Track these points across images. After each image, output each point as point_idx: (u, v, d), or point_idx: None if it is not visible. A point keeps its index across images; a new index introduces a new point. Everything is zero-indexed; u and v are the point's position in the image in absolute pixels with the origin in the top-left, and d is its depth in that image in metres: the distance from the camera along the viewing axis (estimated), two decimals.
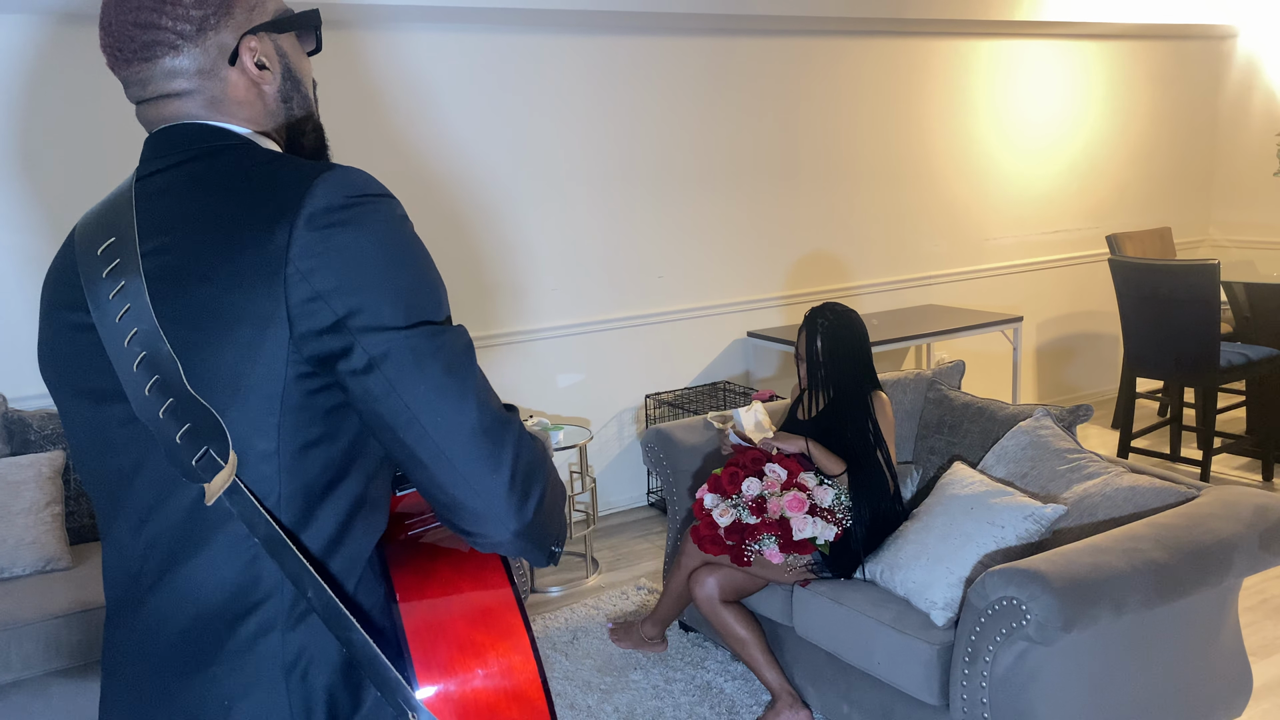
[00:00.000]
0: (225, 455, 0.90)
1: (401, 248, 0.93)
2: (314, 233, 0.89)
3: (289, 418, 0.91)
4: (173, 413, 0.90)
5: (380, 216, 0.92)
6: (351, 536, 0.97)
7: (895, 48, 4.88)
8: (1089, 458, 2.72)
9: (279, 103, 1.05)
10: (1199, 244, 6.33)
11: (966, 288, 5.38)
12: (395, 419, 0.90)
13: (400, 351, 0.90)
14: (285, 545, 0.91)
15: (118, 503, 0.98)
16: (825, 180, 4.81)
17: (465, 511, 0.92)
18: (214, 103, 1.00)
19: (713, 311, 4.61)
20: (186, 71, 0.99)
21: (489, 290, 4.09)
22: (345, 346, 0.89)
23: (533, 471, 0.94)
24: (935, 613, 2.46)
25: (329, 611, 0.91)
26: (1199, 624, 2.38)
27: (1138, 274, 4.41)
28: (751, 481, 2.77)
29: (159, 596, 0.95)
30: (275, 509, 0.92)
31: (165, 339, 0.90)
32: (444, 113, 3.89)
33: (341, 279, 0.89)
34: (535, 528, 0.95)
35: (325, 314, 0.89)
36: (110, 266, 0.94)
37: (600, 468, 4.45)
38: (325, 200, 0.90)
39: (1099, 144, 5.70)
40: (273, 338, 0.89)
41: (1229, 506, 2.38)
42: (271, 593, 0.93)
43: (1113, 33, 5.51)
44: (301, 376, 0.90)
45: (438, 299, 0.95)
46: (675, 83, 4.33)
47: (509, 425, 0.94)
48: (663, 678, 3.03)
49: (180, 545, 0.94)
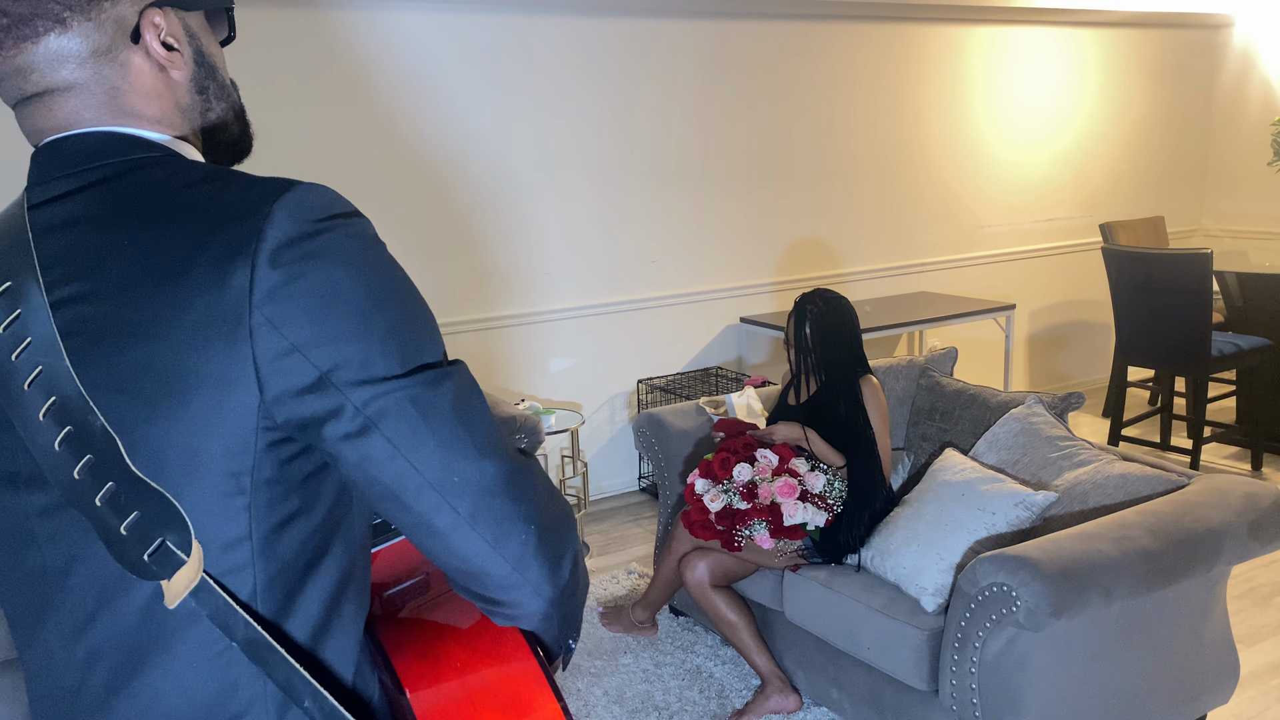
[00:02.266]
0: (186, 547, 0.74)
1: (383, 278, 0.77)
2: (280, 270, 0.73)
3: (261, 494, 0.76)
4: (114, 500, 0.74)
5: (354, 241, 0.77)
6: (341, 620, 0.83)
7: (890, 33, 4.86)
8: (1080, 445, 2.73)
9: (193, 94, 0.86)
10: (1192, 233, 6.34)
11: (959, 275, 5.37)
12: (401, 486, 0.76)
13: (400, 406, 0.75)
14: (271, 648, 0.76)
15: (45, 609, 0.80)
16: (819, 166, 4.80)
17: (491, 580, 0.79)
18: (114, 97, 0.81)
19: (706, 297, 4.60)
20: (77, 54, 0.79)
21: (482, 274, 4.07)
22: (334, 407, 0.74)
23: (563, 525, 0.82)
24: (925, 598, 2.46)
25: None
26: (1188, 611, 2.39)
27: (1130, 263, 4.41)
28: (743, 467, 2.77)
29: (110, 718, 0.79)
30: (251, 602, 0.77)
31: (96, 410, 0.73)
32: (438, 96, 3.86)
33: (320, 325, 0.73)
34: (568, 595, 0.82)
35: (305, 370, 0.73)
36: (9, 319, 0.75)
37: (592, 452, 4.45)
38: (289, 229, 0.74)
39: (1093, 132, 5.70)
40: (238, 403, 0.73)
41: (1219, 495, 2.38)
42: (251, 703, 0.78)
43: (1108, 20, 5.50)
44: (273, 445, 0.76)
45: (432, 335, 0.80)
46: (670, 66, 4.31)
47: (531, 474, 0.80)
48: (652, 661, 3.03)
49: (134, 656, 0.77)
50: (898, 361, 3.36)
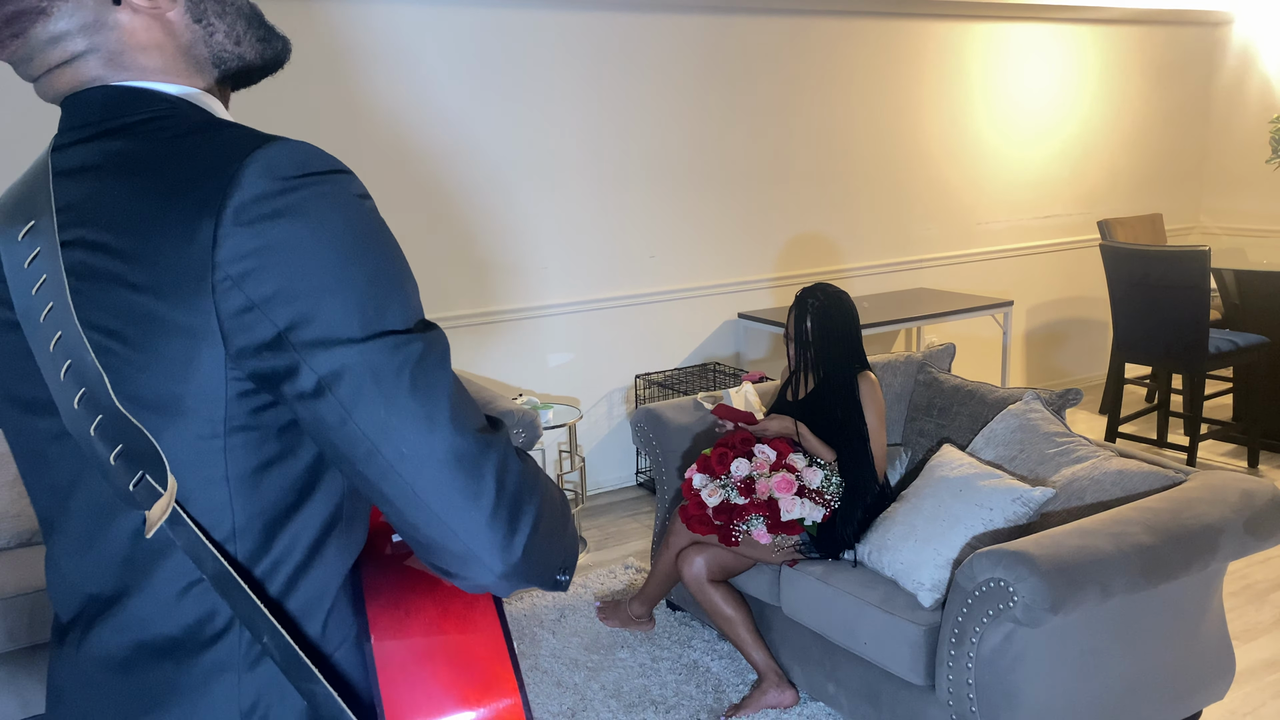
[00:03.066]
0: (163, 481, 0.77)
1: (356, 237, 0.76)
2: (244, 229, 0.73)
3: (236, 439, 0.78)
4: (103, 431, 0.77)
5: (327, 200, 0.76)
6: (322, 561, 0.85)
7: (890, 29, 4.86)
8: (1078, 441, 2.73)
9: (191, 27, 0.87)
10: (1190, 231, 6.34)
11: (957, 271, 5.38)
12: (353, 450, 0.76)
13: (356, 370, 0.74)
14: (235, 584, 0.79)
15: (57, 522, 0.87)
16: (817, 162, 4.80)
17: (443, 553, 0.79)
18: (115, 57, 0.84)
19: (704, 292, 4.59)
20: (69, 33, 0.82)
21: (481, 268, 4.07)
22: (290, 365, 0.74)
23: (520, 500, 0.80)
24: (922, 594, 2.47)
25: (287, 659, 0.80)
26: (1184, 608, 2.40)
27: (1128, 260, 4.41)
28: (740, 462, 2.77)
29: (105, 626, 0.84)
30: (230, 539, 0.80)
31: (89, 347, 0.77)
32: (435, 90, 3.85)
33: (281, 283, 0.73)
34: (527, 564, 0.81)
35: (264, 326, 0.74)
36: (32, 255, 0.80)
37: (589, 447, 4.45)
38: (257, 186, 0.74)
39: (1091, 129, 5.70)
40: (206, 354, 0.75)
41: (1215, 491, 2.39)
42: (226, 629, 0.82)
43: (1107, 17, 5.49)
44: (244, 394, 0.77)
45: (403, 299, 0.78)
46: (669, 61, 4.31)
47: (489, 448, 0.79)
48: (649, 656, 3.04)
49: (125, 575, 0.82)
50: (896, 357, 3.36)
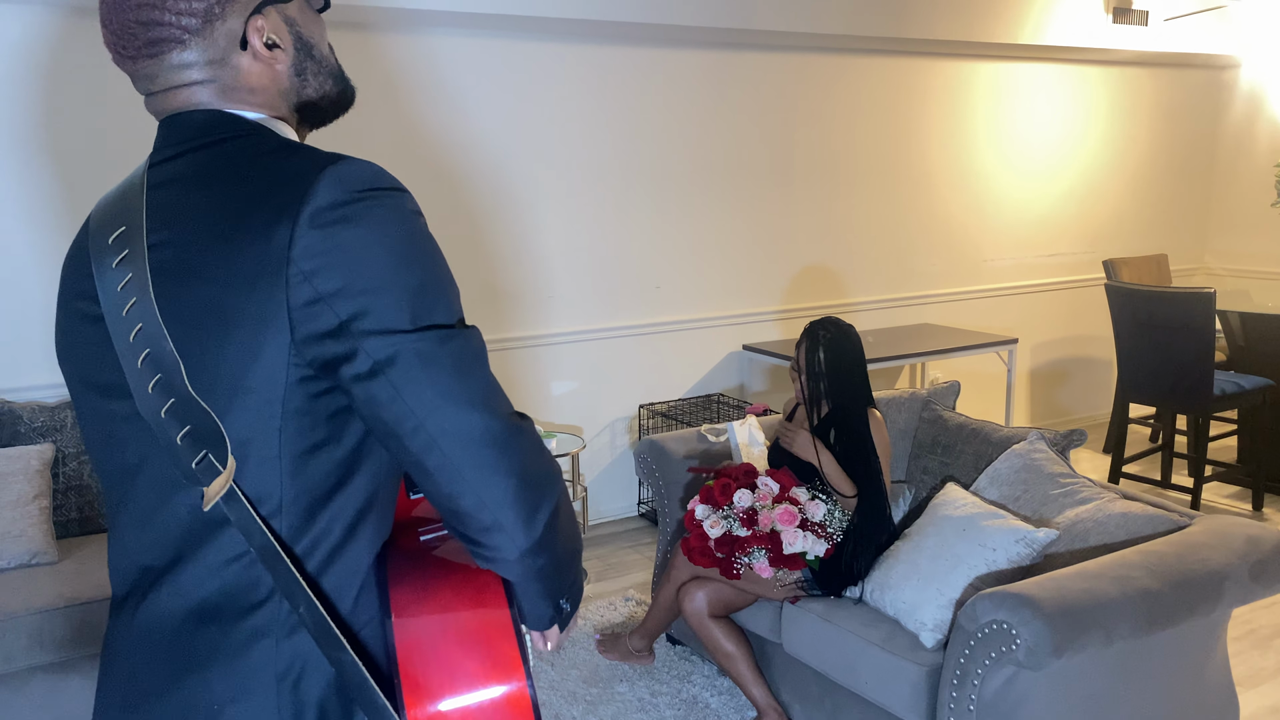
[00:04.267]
0: (224, 460, 0.87)
1: (410, 245, 0.89)
2: (317, 231, 0.85)
3: (291, 422, 0.88)
4: (174, 413, 0.88)
5: (388, 212, 0.88)
6: (356, 542, 0.95)
7: (896, 67, 4.90)
8: (1082, 483, 2.72)
9: (292, 78, 1.00)
10: (1194, 271, 6.35)
11: (962, 308, 5.38)
12: (400, 425, 0.87)
13: (406, 356, 0.86)
14: (279, 557, 0.88)
15: (123, 498, 0.96)
16: (823, 197, 4.82)
17: (471, 521, 0.89)
18: (226, 90, 0.97)
19: (708, 324, 4.60)
20: (196, 63, 0.95)
21: (488, 296, 4.08)
22: (349, 351, 0.86)
23: (544, 484, 0.91)
24: (924, 634, 2.45)
25: (319, 629, 0.89)
26: (1188, 653, 2.38)
27: (1133, 300, 4.42)
28: (743, 493, 2.76)
29: (159, 594, 0.93)
30: (276, 515, 0.90)
31: (168, 337, 0.88)
32: (446, 119, 3.89)
33: (345, 280, 0.85)
34: (544, 547, 0.91)
35: (328, 317, 0.85)
36: (120, 257, 0.91)
37: (592, 476, 4.44)
38: (330, 195, 0.86)
39: (1098, 169, 5.72)
40: (273, 341, 0.86)
41: (1221, 536, 2.38)
42: (268, 598, 0.91)
43: (1115, 59, 5.54)
44: (304, 380, 0.88)
45: (448, 300, 0.91)
46: (678, 94, 4.34)
47: (519, 433, 0.90)
48: (649, 690, 3.02)
49: (181, 546, 0.92)
50: (900, 393, 3.36)
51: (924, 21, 4.54)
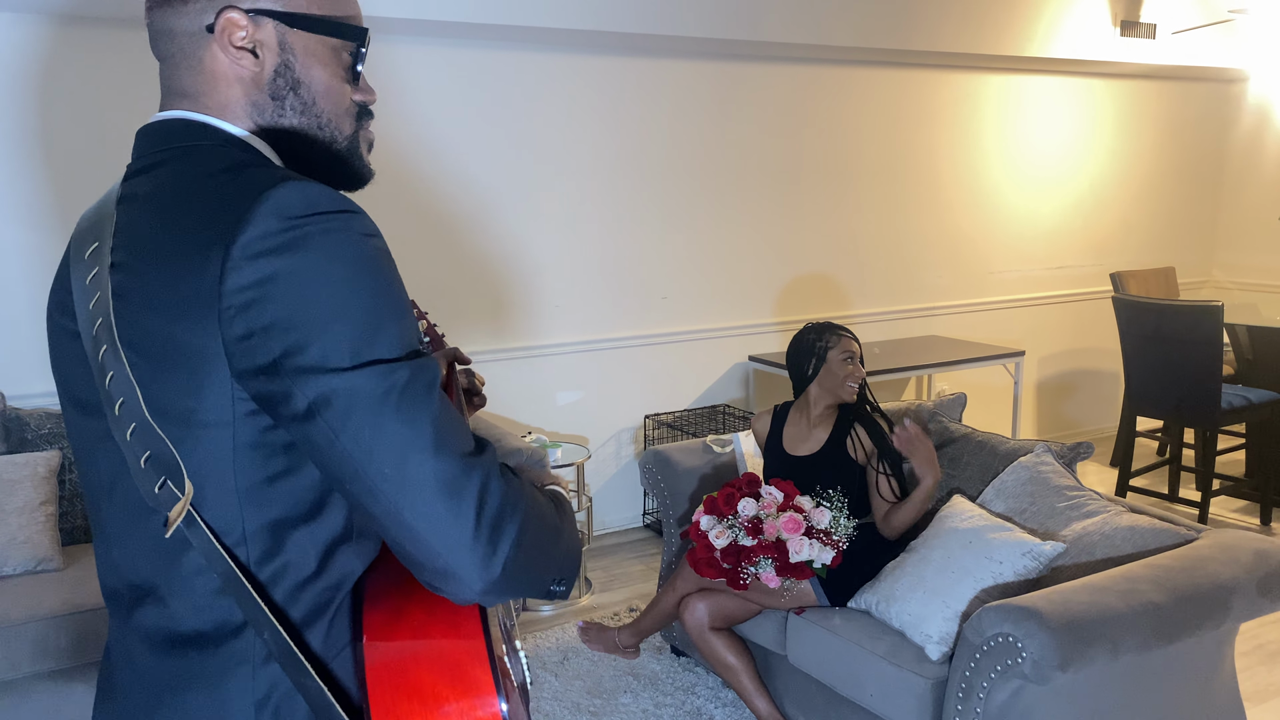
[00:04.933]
0: (181, 487, 0.85)
1: (354, 272, 0.82)
2: (249, 262, 0.80)
3: (244, 454, 0.85)
4: (136, 437, 0.85)
5: (330, 237, 0.82)
6: (332, 569, 0.91)
7: (904, 79, 4.90)
8: (1089, 495, 2.71)
9: (265, 97, 0.94)
10: (1202, 285, 6.34)
11: (969, 320, 5.38)
12: (340, 470, 0.82)
13: (342, 396, 0.80)
14: (240, 584, 0.85)
15: (101, 513, 0.95)
16: (830, 208, 4.82)
17: (426, 569, 0.84)
18: (191, 75, 0.92)
19: (714, 334, 4.60)
20: (171, 31, 0.92)
21: (494, 306, 4.09)
22: (283, 390, 0.80)
23: (502, 520, 0.84)
24: (930, 646, 2.44)
25: (285, 657, 0.86)
26: (1195, 668, 2.37)
27: (1141, 313, 4.41)
28: (747, 502, 2.75)
29: (141, 613, 0.92)
30: (239, 544, 0.86)
31: (125, 361, 0.85)
32: (451, 130, 3.90)
33: (278, 313, 0.79)
34: (508, 581, 0.85)
35: (262, 353, 0.80)
36: (92, 273, 0.88)
37: (597, 487, 4.44)
38: (265, 224, 0.80)
39: (1105, 181, 5.72)
40: (215, 375, 0.82)
41: (1228, 550, 2.36)
42: (245, 625, 0.88)
43: (1122, 72, 5.54)
44: (251, 414, 0.84)
45: (395, 331, 0.83)
46: (686, 106, 4.35)
47: (471, 471, 0.83)
48: (652, 702, 3.01)
49: (153, 570, 0.90)
50: (906, 405, 3.35)
51: (932, 33, 4.55)
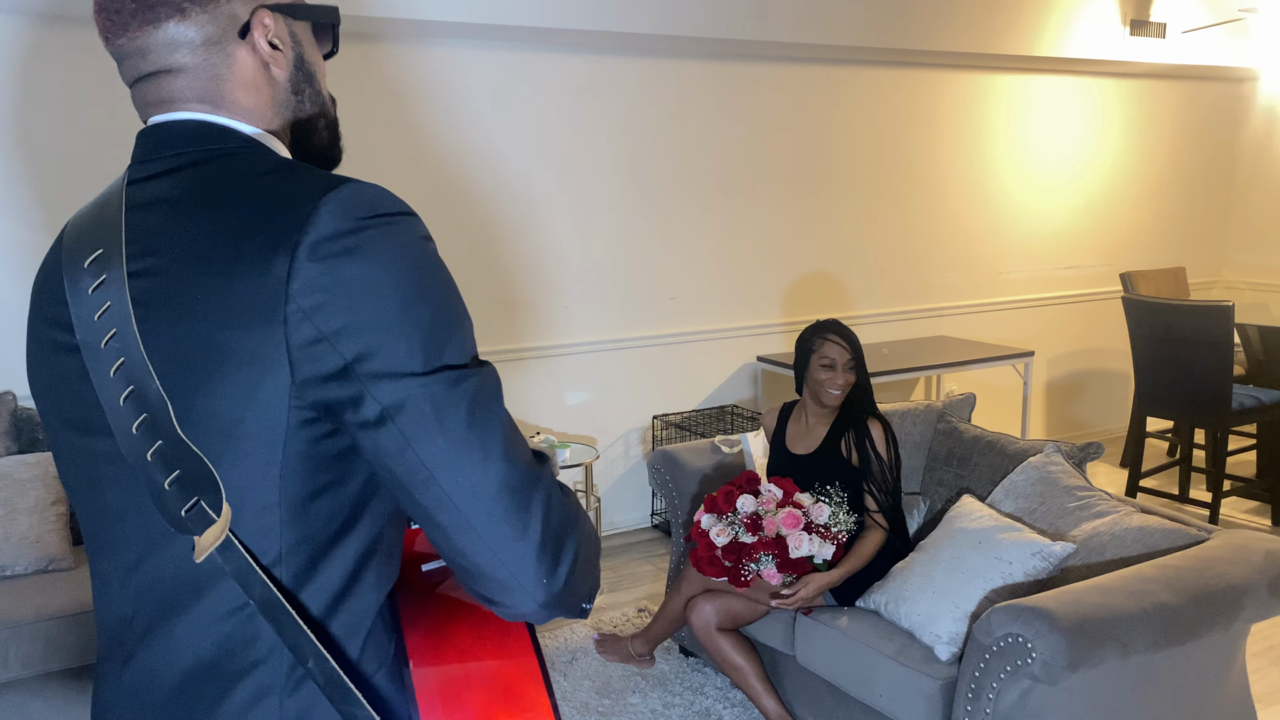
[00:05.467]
0: (218, 508, 0.80)
1: (421, 277, 0.80)
2: (318, 263, 0.77)
3: (291, 467, 0.81)
4: (161, 457, 0.80)
5: (396, 240, 0.80)
6: (361, 587, 0.87)
7: (913, 79, 4.89)
8: (1099, 496, 2.70)
9: (289, 93, 0.92)
10: (1212, 285, 6.31)
11: (978, 320, 5.36)
12: (410, 478, 0.79)
13: (417, 401, 0.78)
14: (283, 609, 0.81)
15: (105, 542, 0.89)
16: (839, 208, 4.82)
17: (488, 580, 0.81)
18: (216, 83, 0.88)
19: (723, 335, 4.60)
20: (191, 42, 0.86)
21: (503, 306, 4.09)
22: (354, 395, 0.78)
23: (565, 533, 0.83)
24: (939, 647, 2.44)
25: (331, 684, 0.82)
26: (1206, 669, 2.36)
27: (1151, 313, 4.39)
28: (746, 499, 2.76)
29: (149, 651, 0.86)
30: (276, 564, 0.82)
31: (154, 374, 0.80)
32: (459, 130, 3.91)
33: (350, 317, 0.77)
34: (566, 594, 0.84)
35: (331, 358, 0.77)
36: (97, 282, 0.83)
37: (605, 487, 4.44)
38: (332, 224, 0.78)
39: (1115, 181, 5.70)
40: (271, 382, 0.78)
41: (1239, 551, 2.35)
42: (269, 654, 0.84)
43: (1132, 72, 5.52)
44: (305, 423, 0.80)
45: (461, 337, 0.82)
46: (693, 106, 4.35)
47: (538, 481, 0.82)
48: (661, 702, 3.01)
49: (171, 599, 0.84)
50: (916, 406, 3.35)
51: (941, 33, 4.54)
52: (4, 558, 2.80)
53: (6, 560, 2.81)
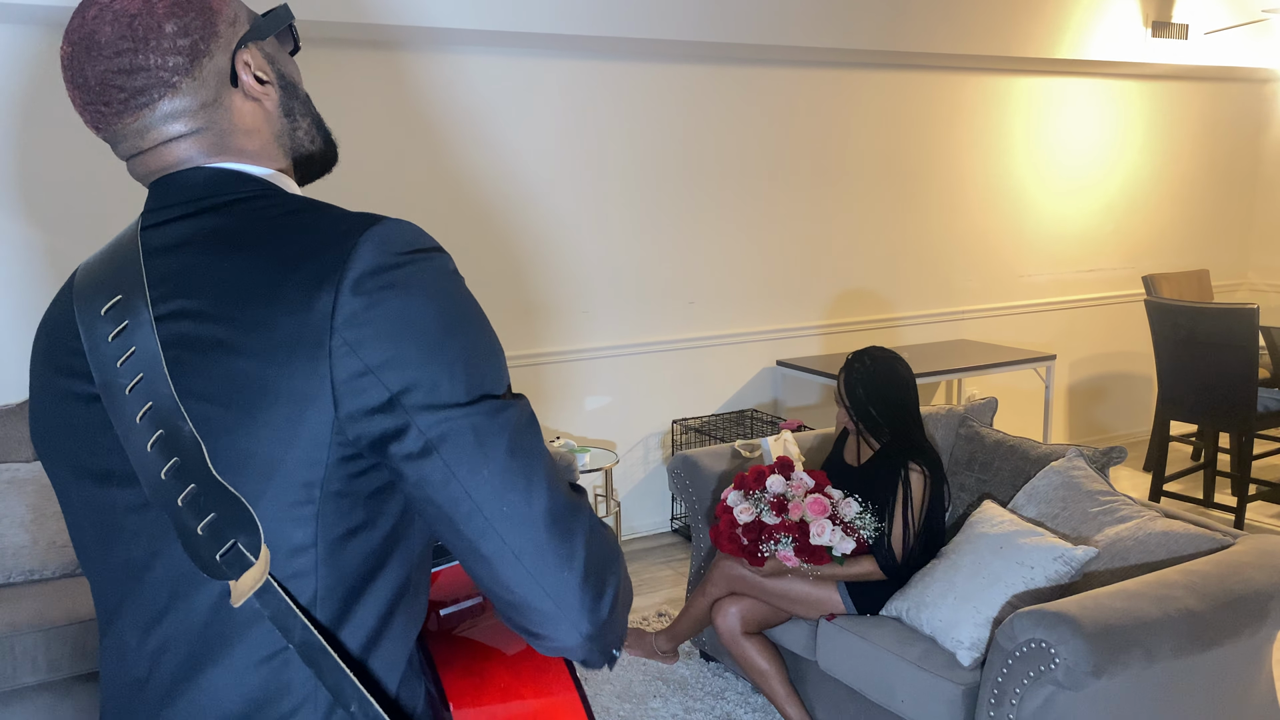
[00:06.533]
0: (256, 550, 0.79)
1: (458, 310, 0.81)
2: (361, 298, 0.77)
3: (329, 505, 0.80)
4: (194, 501, 0.79)
5: (433, 275, 0.81)
6: (393, 630, 0.86)
7: (934, 82, 4.88)
8: (1122, 500, 2.69)
9: (282, 119, 0.93)
10: (1236, 287, 6.26)
11: (999, 323, 5.34)
12: (455, 509, 0.79)
13: (461, 432, 0.78)
14: (324, 652, 0.80)
15: (124, 599, 0.86)
16: (858, 213, 4.81)
17: (532, 612, 0.80)
18: (221, 138, 0.89)
19: (741, 339, 4.60)
20: (188, 110, 0.87)
21: (522, 310, 4.11)
22: (399, 427, 0.78)
23: (606, 564, 0.83)
24: (961, 652, 2.43)
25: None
26: (1231, 675, 2.34)
27: (1174, 316, 4.36)
28: (776, 479, 2.76)
29: (173, 710, 0.83)
30: (311, 607, 0.81)
31: (186, 417, 0.79)
32: (482, 136, 3.93)
33: (394, 350, 0.77)
34: (608, 629, 0.83)
35: (377, 391, 0.77)
36: (118, 329, 0.82)
37: (625, 492, 4.44)
38: (374, 260, 0.79)
39: (1137, 184, 5.66)
40: (314, 418, 0.78)
41: (1265, 556, 2.34)
42: (303, 703, 0.82)
43: (1153, 73, 5.48)
44: (344, 460, 0.80)
45: (498, 368, 0.83)
46: (712, 110, 4.36)
47: (579, 512, 0.83)
48: (682, 707, 3.01)
49: (199, 651, 0.82)
50: (937, 410, 3.34)
51: (960, 36, 4.53)
52: (33, 562, 2.84)
53: (35, 565, 2.84)
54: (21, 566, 2.83)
